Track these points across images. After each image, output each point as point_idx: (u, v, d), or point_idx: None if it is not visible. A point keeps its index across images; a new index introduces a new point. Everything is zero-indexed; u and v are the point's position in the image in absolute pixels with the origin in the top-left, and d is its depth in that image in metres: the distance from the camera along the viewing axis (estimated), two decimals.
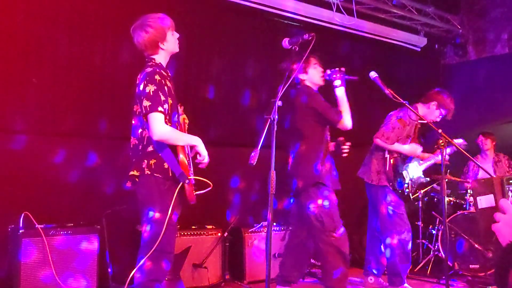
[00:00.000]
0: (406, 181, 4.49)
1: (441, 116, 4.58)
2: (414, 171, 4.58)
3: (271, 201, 2.36)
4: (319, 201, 3.79)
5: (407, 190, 4.49)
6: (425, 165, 4.67)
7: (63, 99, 4.40)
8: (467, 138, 5.33)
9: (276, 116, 2.51)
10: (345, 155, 3.94)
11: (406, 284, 4.46)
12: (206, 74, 5.31)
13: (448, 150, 4.42)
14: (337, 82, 3.87)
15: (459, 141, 4.47)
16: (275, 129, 2.51)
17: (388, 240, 4.45)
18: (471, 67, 7.30)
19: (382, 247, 4.61)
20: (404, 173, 4.50)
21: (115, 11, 4.60)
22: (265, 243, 3.11)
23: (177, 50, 3.08)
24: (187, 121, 3.22)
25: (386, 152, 4.47)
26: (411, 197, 4.58)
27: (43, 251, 3.65)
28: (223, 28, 5.40)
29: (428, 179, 4.81)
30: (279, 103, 2.48)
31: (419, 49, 7.12)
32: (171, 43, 3.01)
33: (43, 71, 4.31)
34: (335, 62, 6.20)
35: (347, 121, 3.83)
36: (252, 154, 2.46)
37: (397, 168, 4.46)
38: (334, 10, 5.75)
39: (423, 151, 4.63)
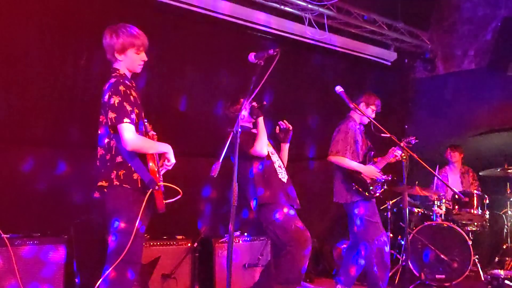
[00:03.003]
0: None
1: (374, 113, 4.73)
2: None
3: (233, 213, 2.40)
4: (270, 218, 3.93)
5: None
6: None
7: (32, 107, 4.38)
8: (436, 150, 5.48)
9: (239, 129, 2.56)
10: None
11: None
12: (179, 85, 5.35)
13: (399, 152, 4.51)
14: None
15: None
16: (238, 141, 2.56)
17: (365, 252, 4.49)
18: (439, 81, 7.50)
19: (357, 259, 4.68)
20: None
21: (88, 20, 4.61)
22: (227, 254, 3.14)
23: (137, 71, 3.07)
24: (155, 137, 3.22)
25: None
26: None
27: (9, 260, 3.61)
28: (196, 39, 5.45)
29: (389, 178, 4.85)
30: (242, 116, 2.53)
31: (389, 63, 7.29)
32: (129, 60, 3.00)
33: (13, 79, 4.29)
34: (307, 74, 6.36)
35: (259, 148, 3.96)
36: (213, 166, 2.50)
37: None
38: (306, 24, 5.86)
39: (374, 154, 4.74)
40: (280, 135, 4.33)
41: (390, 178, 4.61)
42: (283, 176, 4.14)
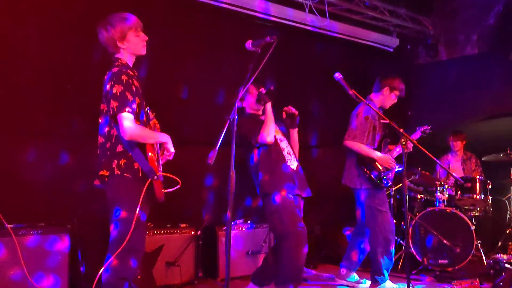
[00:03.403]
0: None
1: (396, 99, 4.68)
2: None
3: (231, 200, 2.42)
4: (270, 209, 3.94)
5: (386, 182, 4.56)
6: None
7: (34, 98, 4.41)
8: (439, 136, 5.48)
9: (236, 117, 2.58)
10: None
11: (388, 281, 4.53)
12: (180, 74, 5.36)
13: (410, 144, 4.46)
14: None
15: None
16: (235, 129, 2.57)
17: (371, 239, 4.52)
18: (442, 67, 7.46)
19: (362, 245, 4.71)
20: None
21: (86, 10, 4.61)
22: (225, 241, 3.17)
23: (142, 52, 3.07)
24: (158, 126, 3.25)
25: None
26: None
27: (14, 250, 3.65)
28: (196, 28, 5.45)
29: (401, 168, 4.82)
30: (239, 103, 2.55)
31: (391, 50, 7.26)
32: (132, 44, 3.01)
33: (14, 70, 4.31)
34: (308, 62, 6.34)
35: (265, 134, 3.93)
36: (210, 153, 2.52)
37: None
38: (307, 11, 5.84)
39: (389, 141, 4.71)
40: (286, 121, 4.28)
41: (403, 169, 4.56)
42: (292, 163, 4.09)
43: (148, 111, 3.18)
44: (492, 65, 6.84)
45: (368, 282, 4.66)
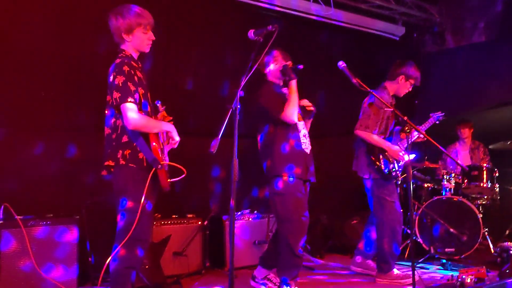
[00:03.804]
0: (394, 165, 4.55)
1: (411, 87, 4.64)
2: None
3: (234, 188, 2.45)
4: (277, 191, 3.88)
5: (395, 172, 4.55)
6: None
7: (40, 91, 4.44)
8: (447, 125, 5.47)
9: (238, 106, 2.60)
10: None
11: (394, 269, 4.54)
12: (185, 65, 5.38)
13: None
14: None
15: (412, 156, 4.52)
16: (238, 118, 2.59)
17: (379, 228, 4.55)
18: (449, 55, 7.40)
19: (371, 234, 4.73)
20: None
21: (93, 3, 4.63)
22: (229, 230, 3.19)
23: (146, 50, 3.10)
24: (168, 119, 3.25)
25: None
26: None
27: (23, 241, 3.71)
28: (201, 19, 5.45)
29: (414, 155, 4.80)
30: (241, 93, 2.57)
31: (397, 39, 7.20)
32: (137, 40, 3.03)
33: (21, 65, 4.35)
34: (313, 52, 6.32)
35: (289, 114, 3.80)
36: (212, 142, 2.54)
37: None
38: (311, 0, 5.82)
39: (400, 130, 4.68)
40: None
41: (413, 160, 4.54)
42: (307, 146, 4.03)
43: (158, 104, 3.21)
44: (500, 52, 6.77)
45: None
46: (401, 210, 4.63)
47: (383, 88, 4.61)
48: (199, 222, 4.85)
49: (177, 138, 3.07)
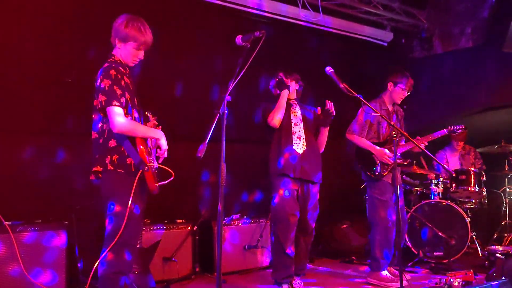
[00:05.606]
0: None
1: (404, 91, 4.77)
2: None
3: (222, 193, 2.46)
4: (272, 191, 4.28)
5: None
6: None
7: (30, 96, 4.44)
8: (435, 129, 5.51)
9: (226, 111, 2.62)
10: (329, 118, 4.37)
11: (385, 271, 4.59)
12: (173, 71, 5.38)
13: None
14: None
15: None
16: (225, 123, 2.61)
17: (372, 227, 4.67)
18: (437, 60, 7.47)
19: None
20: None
21: (82, 7, 4.65)
22: (216, 234, 3.21)
23: (130, 64, 3.12)
24: (159, 128, 3.25)
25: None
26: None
27: (11, 247, 3.70)
28: (190, 25, 5.47)
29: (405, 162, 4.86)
30: (228, 98, 2.59)
31: (385, 44, 7.26)
32: (125, 52, 3.06)
33: (10, 68, 4.34)
34: (302, 58, 6.36)
35: (270, 119, 4.24)
36: (200, 147, 2.56)
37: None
38: (300, 6, 5.86)
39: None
40: (319, 117, 4.42)
41: (405, 163, 4.66)
42: (299, 147, 4.25)
43: (149, 115, 3.21)
44: (487, 57, 6.85)
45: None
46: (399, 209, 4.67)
47: (379, 97, 4.83)
48: (189, 227, 4.85)
49: (165, 147, 3.06)
